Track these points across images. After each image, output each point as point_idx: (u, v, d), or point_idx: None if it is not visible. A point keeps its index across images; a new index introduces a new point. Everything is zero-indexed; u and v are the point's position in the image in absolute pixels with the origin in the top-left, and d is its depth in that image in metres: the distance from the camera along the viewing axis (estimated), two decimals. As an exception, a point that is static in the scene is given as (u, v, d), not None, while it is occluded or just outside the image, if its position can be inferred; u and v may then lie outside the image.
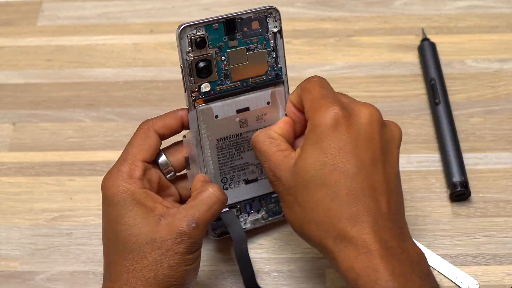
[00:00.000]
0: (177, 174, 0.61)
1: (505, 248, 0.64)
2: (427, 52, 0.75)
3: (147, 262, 0.54)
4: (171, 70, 0.78)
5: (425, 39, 0.76)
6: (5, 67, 0.79)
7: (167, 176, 0.60)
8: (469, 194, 0.67)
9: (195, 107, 0.58)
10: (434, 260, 0.64)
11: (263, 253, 0.65)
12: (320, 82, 0.56)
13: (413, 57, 0.77)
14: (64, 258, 0.66)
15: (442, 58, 0.76)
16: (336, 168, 0.52)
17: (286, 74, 0.60)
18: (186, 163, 0.60)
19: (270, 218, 0.65)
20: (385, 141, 0.54)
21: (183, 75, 0.57)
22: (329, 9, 0.81)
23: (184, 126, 0.60)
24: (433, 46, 0.76)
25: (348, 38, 0.79)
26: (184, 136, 0.60)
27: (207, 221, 0.55)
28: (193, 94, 0.58)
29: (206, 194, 0.56)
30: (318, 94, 0.55)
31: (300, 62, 0.77)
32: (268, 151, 0.56)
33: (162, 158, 0.59)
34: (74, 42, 0.80)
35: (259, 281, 0.63)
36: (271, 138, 0.56)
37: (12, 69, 0.79)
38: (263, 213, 0.64)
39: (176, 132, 0.60)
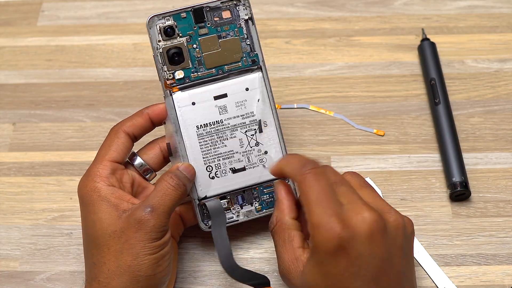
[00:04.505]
0: (157, 172, 0.62)
1: (505, 248, 0.64)
2: (427, 52, 0.75)
3: (109, 255, 0.55)
4: (171, 70, 0.78)
5: (425, 39, 0.76)
6: (5, 67, 0.79)
7: (147, 176, 0.61)
8: (469, 194, 0.67)
9: (170, 94, 0.60)
10: (429, 263, 0.64)
11: (263, 253, 0.65)
12: (318, 180, 0.53)
13: (413, 57, 0.77)
14: (64, 258, 0.66)
15: (442, 58, 0.76)
16: None
17: (263, 61, 0.62)
18: (168, 150, 0.61)
19: (264, 210, 0.63)
20: (387, 250, 0.52)
21: (156, 64, 0.60)
22: (329, 9, 0.81)
23: (154, 122, 0.61)
24: (433, 46, 0.76)
25: (348, 38, 0.79)
26: (164, 123, 0.61)
27: (165, 206, 0.56)
28: (168, 82, 0.60)
29: (159, 183, 0.57)
30: (317, 204, 0.52)
31: (300, 62, 0.77)
32: (282, 250, 0.55)
33: (137, 160, 0.61)
34: (74, 42, 0.80)
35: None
36: (289, 229, 0.56)
37: (12, 69, 0.78)
38: (257, 205, 0.63)
39: (147, 129, 0.61)
